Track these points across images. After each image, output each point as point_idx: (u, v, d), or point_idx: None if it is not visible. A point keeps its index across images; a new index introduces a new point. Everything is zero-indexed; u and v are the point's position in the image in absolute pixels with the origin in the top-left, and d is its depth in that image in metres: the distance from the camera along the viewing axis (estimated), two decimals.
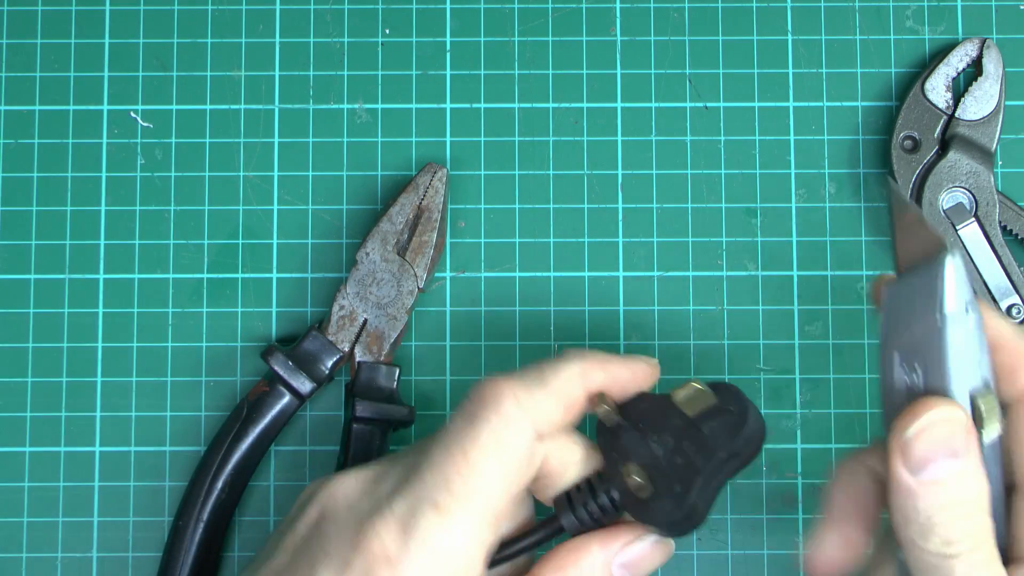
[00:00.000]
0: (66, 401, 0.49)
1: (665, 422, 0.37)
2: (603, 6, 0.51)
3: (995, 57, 0.49)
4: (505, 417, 0.35)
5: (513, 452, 0.35)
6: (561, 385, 0.37)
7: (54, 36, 0.51)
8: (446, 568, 0.33)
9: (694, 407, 0.37)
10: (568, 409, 0.37)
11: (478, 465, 0.34)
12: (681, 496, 0.36)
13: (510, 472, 0.35)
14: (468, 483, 0.34)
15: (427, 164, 0.48)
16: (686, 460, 0.36)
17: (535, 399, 0.36)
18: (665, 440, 0.37)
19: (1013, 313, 0.48)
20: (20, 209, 0.50)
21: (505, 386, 0.35)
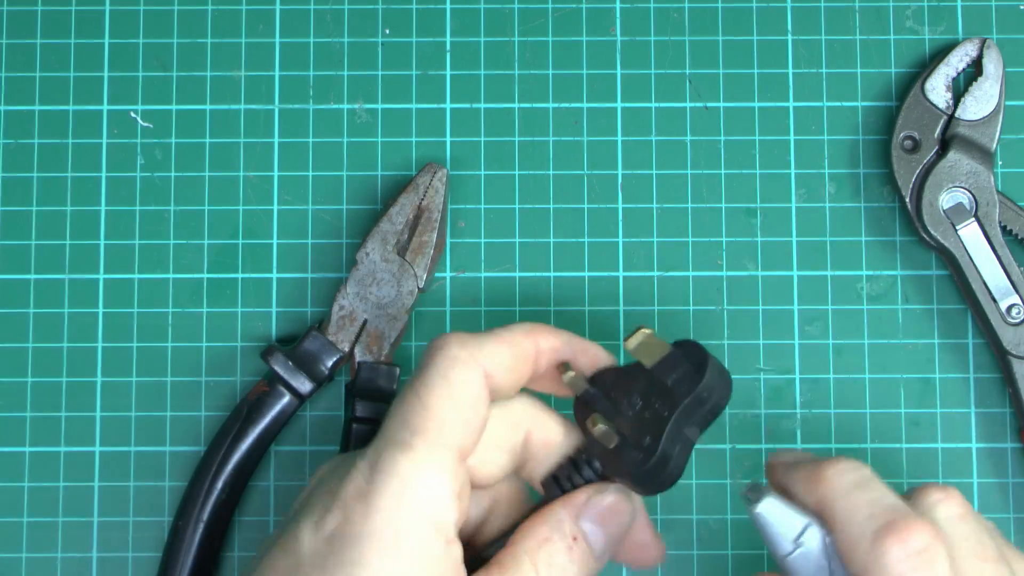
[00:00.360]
0: (66, 401, 0.49)
1: (632, 384, 0.39)
2: (603, 6, 0.51)
3: (995, 57, 0.49)
4: (450, 357, 0.37)
5: (461, 386, 0.37)
6: (507, 334, 0.39)
7: (54, 36, 0.51)
8: (415, 495, 0.35)
9: (651, 356, 0.38)
10: (516, 356, 0.39)
11: (429, 401, 0.36)
12: (651, 446, 0.37)
13: (463, 406, 0.37)
14: (424, 418, 0.36)
15: (427, 164, 0.48)
16: (653, 413, 0.38)
17: (479, 341, 0.38)
18: (634, 401, 0.38)
19: (1013, 313, 0.48)
20: (20, 209, 0.50)
21: (452, 335, 0.38)
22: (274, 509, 0.49)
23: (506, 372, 0.38)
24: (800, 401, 0.49)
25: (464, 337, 0.38)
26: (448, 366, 0.37)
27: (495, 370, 0.38)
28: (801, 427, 0.49)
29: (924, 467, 0.49)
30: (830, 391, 0.49)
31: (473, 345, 0.38)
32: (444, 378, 0.37)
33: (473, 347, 0.38)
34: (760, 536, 0.37)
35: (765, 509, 0.36)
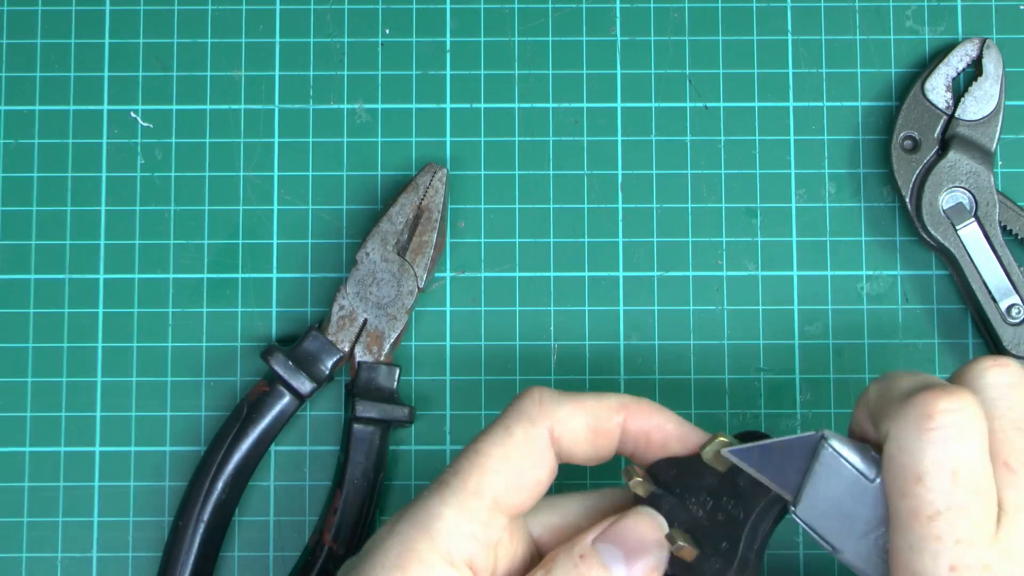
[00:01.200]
0: (66, 401, 0.49)
1: (699, 482, 0.37)
2: (603, 6, 0.51)
3: (995, 57, 0.49)
4: (520, 411, 0.38)
5: (519, 444, 0.37)
6: (592, 402, 0.38)
7: (54, 36, 0.51)
8: (429, 524, 0.36)
9: (724, 462, 0.37)
10: (594, 428, 0.38)
11: (482, 448, 0.37)
12: (729, 552, 0.36)
13: (513, 461, 0.37)
14: (470, 463, 0.37)
15: (427, 164, 0.48)
16: (727, 516, 0.36)
17: (558, 402, 0.38)
18: (703, 500, 0.37)
19: (1013, 313, 0.48)
20: (20, 209, 0.50)
21: (537, 389, 0.38)
22: (274, 509, 0.49)
23: (580, 441, 0.38)
24: (800, 401, 0.49)
25: (545, 394, 0.38)
26: (514, 420, 0.37)
27: (566, 435, 0.37)
28: (801, 427, 0.49)
29: None
30: (830, 391, 0.49)
31: (550, 404, 0.38)
32: (506, 430, 0.37)
33: (550, 406, 0.37)
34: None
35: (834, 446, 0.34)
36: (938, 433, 0.33)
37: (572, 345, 0.49)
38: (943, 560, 0.32)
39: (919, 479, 0.33)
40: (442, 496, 0.37)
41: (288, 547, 0.48)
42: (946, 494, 0.32)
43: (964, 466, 0.33)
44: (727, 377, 0.49)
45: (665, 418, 0.38)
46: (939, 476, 0.32)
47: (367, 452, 0.47)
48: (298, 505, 0.49)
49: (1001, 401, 0.34)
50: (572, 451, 0.38)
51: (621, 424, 0.38)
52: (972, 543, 0.32)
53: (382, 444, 0.47)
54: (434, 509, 0.36)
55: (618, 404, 0.38)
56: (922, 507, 0.33)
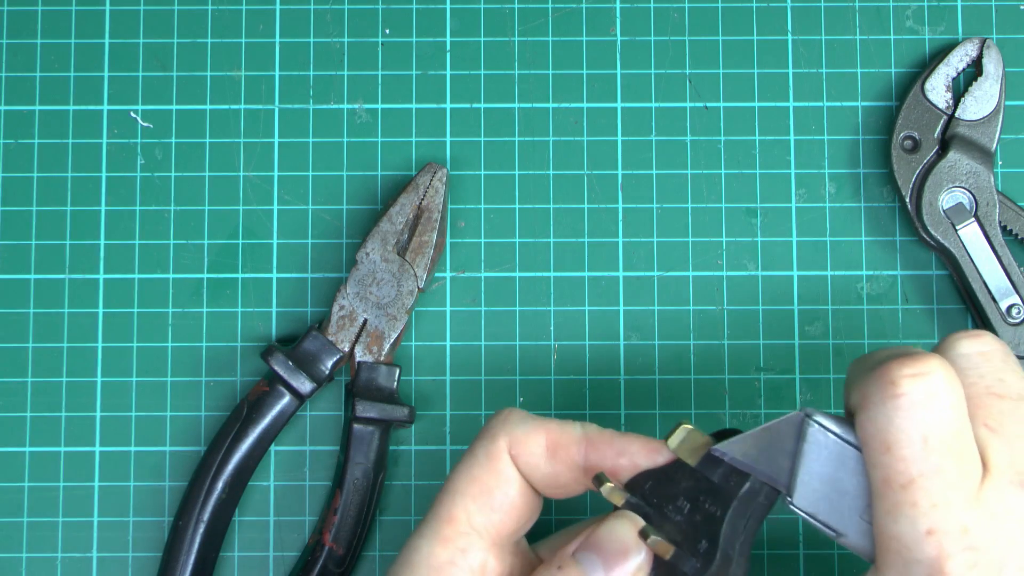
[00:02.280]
0: (66, 401, 0.49)
1: (674, 488, 0.37)
2: (603, 6, 0.51)
3: (995, 57, 0.49)
4: (482, 432, 0.39)
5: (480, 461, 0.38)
6: (554, 424, 0.38)
7: (54, 36, 0.51)
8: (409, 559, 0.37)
9: (694, 452, 0.37)
10: (553, 449, 0.38)
11: (450, 476, 0.39)
12: (708, 549, 0.35)
13: (478, 478, 0.38)
14: (442, 492, 0.38)
15: (427, 164, 0.48)
16: (704, 515, 0.36)
17: (520, 420, 0.39)
18: (680, 505, 0.36)
19: (1013, 313, 0.48)
20: (20, 209, 0.50)
21: (504, 410, 0.39)
22: (274, 509, 0.49)
23: (537, 459, 0.38)
24: (800, 401, 0.49)
25: (513, 414, 0.39)
26: (477, 441, 0.38)
27: (523, 453, 0.38)
28: None
29: None
30: (830, 391, 0.49)
31: (511, 422, 0.38)
32: (470, 452, 0.38)
33: (510, 424, 0.38)
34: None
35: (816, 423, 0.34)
36: (904, 399, 0.33)
37: (572, 345, 0.49)
38: (920, 525, 0.32)
39: (888, 448, 0.33)
40: (420, 530, 0.38)
41: (288, 547, 0.48)
42: (917, 460, 0.32)
43: (934, 431, 0.32)
44: (727, 377, 0.49)
45: (627, 440, 0.38)
46: (908, 443, 0.32)
47: (367, 452, 0.47)
48: (298, 505, 0.49)
49: (973, 369, 0.35)
50: (532, 471, 0.38)
51: (582, 451, 0.38)
52: (949, 505, 0.32)
53: (382, 444, 0.47)
54: (413, 543, 0.37)
55: (580, 431, 0.38)
56: (893, 476, 0.33)
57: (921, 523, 0.32)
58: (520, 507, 0.38)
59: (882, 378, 0.33)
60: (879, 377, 0.33)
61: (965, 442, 0.33)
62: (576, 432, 0.38)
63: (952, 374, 0.33)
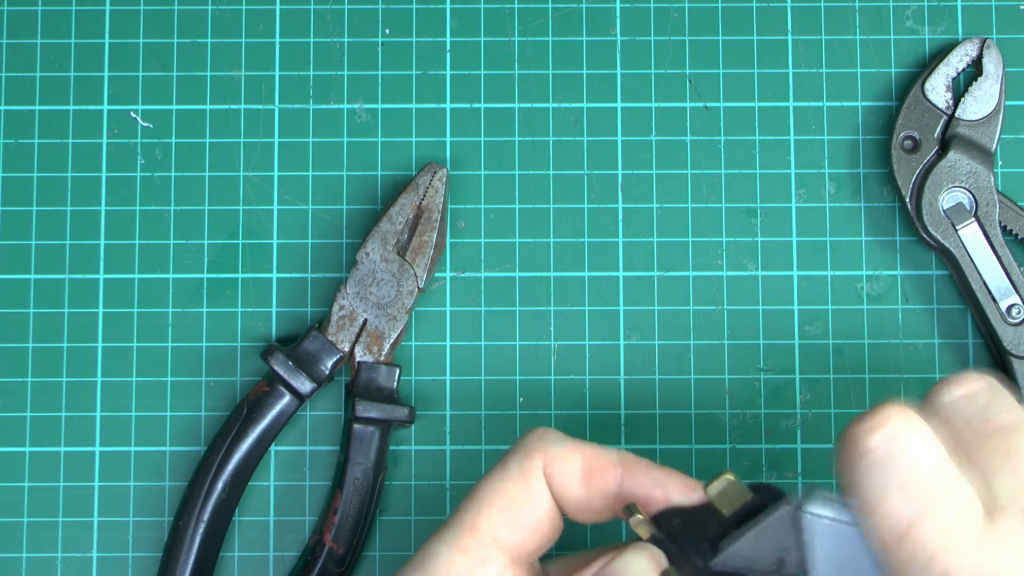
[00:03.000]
0: (66, 401, 0.49)
1: (704, 531, 0.36)
2: (603, 6, 0.51)
3: (995, 57, 0.49)
4: (517, 447, 0.38)
5: (513, 475, 0.37)
6: (591, 447, 0.38)
7: (54, 36, 0.51)
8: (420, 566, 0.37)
9: (729, 504, 0.36)
10: (589, 472, 0.37)
11: (479, 485, 0.38)
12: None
13: (508, 493, 0.37)
14: (468, 500, 0.37)
15: (427, 164, 0.48)
16: (729, 570, 0.35)
17: (557, 439, 0.38)
18: (703, 550, 0.35)
19: (1013, 313, 0.48)
20: (20, 209, 0.50)
21: (539, 428, 0.38)
22: (274, 509, 0.49)
23: (572, 480, 0.37)
24: (800, 401, 0.49)
25: (548, 432, 0.38)
26: (511, 455, 0.38)
27: (559, 473, 0.37)
28: (801, 427, 0.49)
29: None
30: (830, 391, 0.49)
31: (548, 440, 0.38)
32: (502, 465, 0.38)
33: (547, 442, 0.38)
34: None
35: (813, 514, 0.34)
36: (869, 455, 0.32)
37: (572, 345, 0.49)
38: (930, 574, 0.31)
39: (873, 509, 0.32)
40: (440, 536, 0.37)
41: (288, 547, 0.48)
42: (902, 510, 0.32)
43: (910, 476, 0.32)
44: (727, 377, 0.49)
45: (664, 473, 0.37)
46: (887, 496, 0.32)
47: (367, 452, 0.47)
48: (298, 505, 0.49)
49: (959, 416, 0.34)
50: (565, 492, 0.37)
51: (618, 478, 0.37)
52: (953, 546, 0.31)
53: (382, 444, 0.47)
54: (432, 549, 0.37)
55: (617, 456, 0.38)
56: (887, 535, 0.32)
57: (930, 571, 0.31)
58: (545, 527, 0.37)
59: (846, 443, 0.33)
60: (844, 443, 0.33)
61: (949, 480, 0.32)
62: (613, 457, 0.38)
63: (912, 417, 0.33)
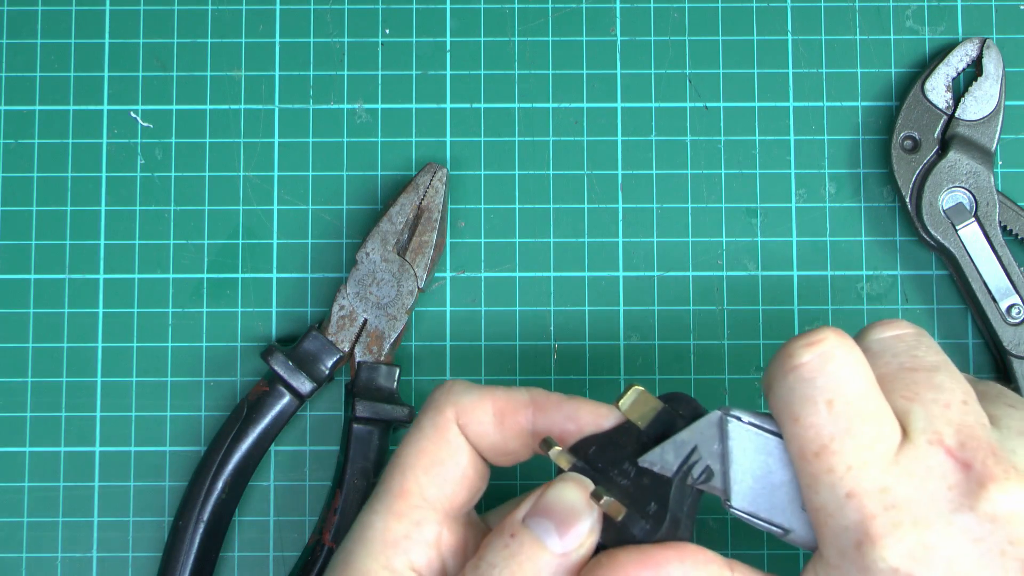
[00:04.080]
0: (66, 401, 0.49)
1: (621, 452, 0.37)
2: (603, 6, 0.51)
3: (995, 57, 0.49)
4: (427, 404, 0.39)
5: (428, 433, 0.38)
6: (500, 392, 0.38)
7: (54, 36, 0.51)
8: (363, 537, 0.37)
9: (642, 414, 0.36)
10: (501, 416, 0.38)
11: (399, 451, 0.38)
12: (658, 511, 0.35)
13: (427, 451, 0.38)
14: (391, 466, 0.38)
15: (427, 164, 0.48)
16: (652, 478, 0.36)
17: (466, 390, 0.38)
18: (626, 469, 0.36)
19: (1013, 313, 0.48)
20: (20, 209, 0.50)
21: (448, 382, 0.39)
22: (274, 509, 0.49)
23: (486, 427, 0.38)
24: None
25: (456, 385, 0.39)
26: (423, 414, 0.38)
27: (472, 423, 0.38)
28: None
29: None
30: None
31: (457, 393, 0.38)
32: (417, 426, 0.38)
33: (456, 395, 0.38)
34: None
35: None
36: (802, 368, 0.33)
37: (572, 345, 0.49)
38: (839, 490, 0.33)
39: (796, 418, 0.33)
40: (371, 506, 0.37)
41: (288, 547, 0.48)
42: (825, 425, 0.33)
43: (837, 394, 0.33)
44: (727, 377, 0.49)
45: (575, 404, 0.38)
46: (814, 409, 0.33)
47: (367, 452, 0.47)
48: (298, 505, 0.49)
49: (887, 351, 0.35)
50: (481, 439, 0.38)
51: (530, 417, 0.38)
52: (865, 466, 0.33)
53: (382, 444, 0.47)
54: (366, 520, 0.37)
55: (527, 397, 0.38)
56: (806, 445, 0.33)
57: (839, 487, 0.33)
58: (471, 477, 0.38)
59: (781, 355, 0.34)
60: (778, 356, 0.34)
61: (873, 404, 0.33)
62: (523, 397, 0.38)
63: (847, 340, 0.34)
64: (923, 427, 0.33)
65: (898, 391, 0.34)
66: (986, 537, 0.32)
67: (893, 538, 0.32)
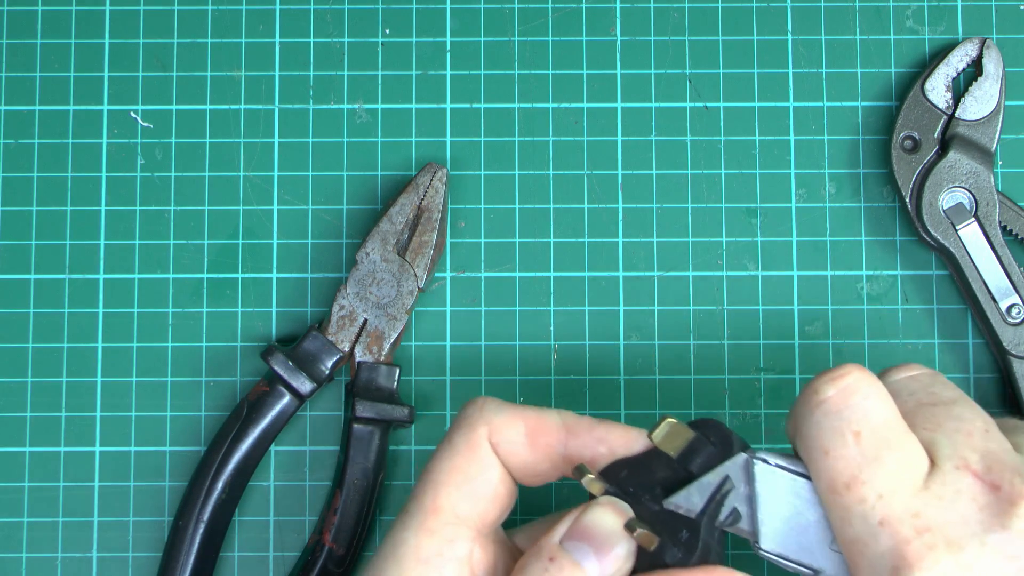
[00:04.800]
0: (66, 401, 0.49)
1: (652, 476, 0.37)
2: (603, 6, 0.51)
3: (995, 57, 0.49)
4: (459, 421, 0.38)
5: (461, 450, 0.38)
6: (532, 411, 0.38)
7: (54, 36, 0.51)
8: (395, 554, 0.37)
9: (674, 445, 0.37)
10: (533, 436, 0.38)
11: (430, 467, 0.38)
12: (690, 539, 0.35)
13: (460, 468, 0.38)
14: (422, 483, 0.38)
15: (427, 164, 0.48)
16: (683, 513, 0.36)
17: (498, 408, 0.38)
18: (657, 495, 0.36)
19: (1013, 313, 0.48)
20: (20, 209, 0.50)
21: (478, 399, 0.39)
22: (274, 509, 0.49)
23: (518, 447, 0.38)
24: None
25: (488, 402, 0.39)
26: (455, 431, 0.38)
27: (504, 441, 0.38)
28: None
29: None
30: None
31: (489, 410, 0.38)
32: (448, 442, 0.38)
33: (488, 412, 0.38)
34: None
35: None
36: (828, 403, 0.35)
37: (572, 345, 0.49)
38: (872, 519, 0.33)
39: (826, 452, 0.34)
40: (403, 522, 0.37)
41: (288, 547, 0.48)
42: (854, 456, 0.34)
43: (864, 425, 0.34)
44: (727, 377, 0.49)
45: (607, 428, 0.38)
46: (842, 442, 0.34)
47: (367, 452, 0.47)
48: (298, 505, 0.49)
49: (904, 389, 0.37)
50: (512, 458, 0.38)
51: (562, 439, 0.38)
52: (896, 493, 0.33)
53: (382, 444, 0.47)
54: (398, 536, 0.37)
55: (559, 417, 0.38)
56: (836, 477, 0.34)
57: (872, 516, 0.33)
58: (502, 495, 0.38)
59: (806, 393, 0.35)
60: (804, 394, 0.35)
61: (898, 434, 0.34)
62: (555, 420, 0.38)
63: (869, 375, 0.35)
64: (948, 454, 0.34)
65: (920, 424, 0.35)
66: (1020, 554, 0.33)
67: (929, 560, 0.33)
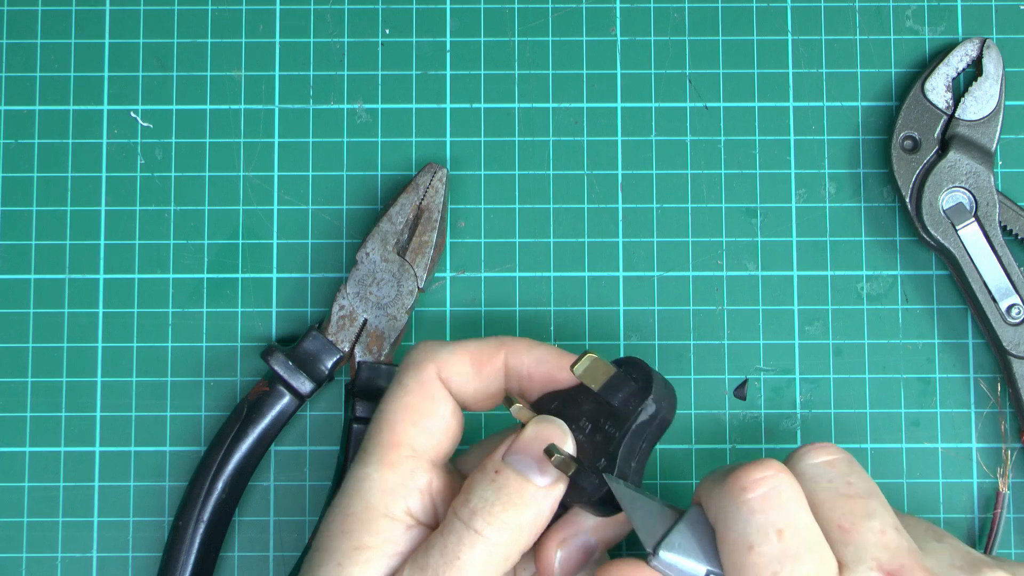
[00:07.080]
0: (66, 401, 0.49)
1: (578, 409, 0.39)
2: (603, 6, 0.51)
3: (995, 57, 0.49)
4: (407, 364, 0.40)
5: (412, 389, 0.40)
6: (473, 343, 0.41)
7: (54, 36, 0.51)
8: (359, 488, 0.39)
9: (596, 379, 0.39)
10: (478, 363, 0.40)
11: (383, 407, 0.40)
12: (606, 467, 0.37)
13: (413, 405, 0.40)
14: (376, 421, 0.40)
15: (427, 164, 0.48)
16: (604, 435, 0.38)
17: (441, 346, 0.40)
18: (583, 425, 0.39)
19: (1013, 313, 0.48)
20: (20, 209, 0.50)
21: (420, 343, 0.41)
22: (274, 509, 0.49)
23: (466, 378, 0.40)
24: (800, 401, 0.49)
25: (430, 343, 0.41)
26: (404, 373, 0.40)
27: (453, 375, 0.40)
28: (801, 427, 0.49)
29: (924, 467, 0.49)
30: (830, 391, 0.49)
31: (433, 349, 0.40)
32: (399, 384, 0.40)
33: (433, 351, 0.40)
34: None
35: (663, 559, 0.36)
36: (756, 501, 0.36)
37: (572, 345, 0.49)
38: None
39: (750, 547, 0.35)
40: (363, 460, 0.39)
41: (288, 547, 0.48)
42: (778, 553, 0.35)
43: (788, 524, 0.35)
44: (727, 377, 0.49)
45: (544, 350, 0.40)
46: (766, 538, 0.35)
47: None
48: (298, 505, 0.49)
49: (822, 476, 0.38)
50: (462, 390, 0.40)
51: (503, 361, 0.40)
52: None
53: None
54: (360, 472, 0.39)
55: (497, 343, 0.41)
56: (759, 572, 0.35)
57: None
58: (453, 427, 0.40)
59: (733, 487, 0.36)
60: (730, 487, 0.36)
61: (815, 535, 0.36)
62: (495, 344, 0.41)
63: (791, 476, 0.37)
64: (862, 556, 0.36)
65: (835, 520, 0.37)
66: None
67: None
